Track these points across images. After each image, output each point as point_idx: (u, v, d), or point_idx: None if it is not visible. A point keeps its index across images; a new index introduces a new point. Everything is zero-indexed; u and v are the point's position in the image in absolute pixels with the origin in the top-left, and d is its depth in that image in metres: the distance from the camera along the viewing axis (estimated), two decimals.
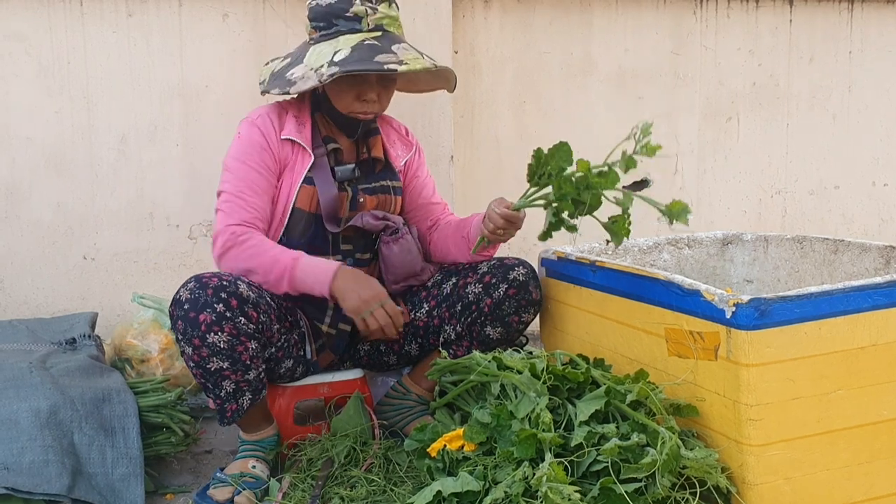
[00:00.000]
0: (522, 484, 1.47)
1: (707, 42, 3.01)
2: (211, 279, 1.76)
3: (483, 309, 1.97)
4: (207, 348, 1.72)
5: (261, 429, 1.91)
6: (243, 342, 1.75)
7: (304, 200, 1.95)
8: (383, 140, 2.10)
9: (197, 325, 1.71)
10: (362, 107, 1.94)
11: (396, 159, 2.11)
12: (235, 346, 1.74)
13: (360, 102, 1.93)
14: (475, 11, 2.77)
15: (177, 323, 1.74)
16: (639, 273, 1.75)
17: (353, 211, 1.99)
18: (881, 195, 3.30)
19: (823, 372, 1.54)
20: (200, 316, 1.71)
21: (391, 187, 2.07)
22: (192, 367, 1.77)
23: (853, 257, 2.01)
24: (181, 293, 1.75)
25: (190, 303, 1.72)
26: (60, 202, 2.50)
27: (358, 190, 2.00)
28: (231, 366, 1.75)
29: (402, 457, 1.85)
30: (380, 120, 2.13)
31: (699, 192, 3.07)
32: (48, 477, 1.63)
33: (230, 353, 1.74)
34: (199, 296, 1.72)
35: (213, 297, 1.72)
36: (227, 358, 1.74)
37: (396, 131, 2.16)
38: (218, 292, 1.73)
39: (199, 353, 1.73)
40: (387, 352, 2.10)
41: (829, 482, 1.57)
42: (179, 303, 1.74)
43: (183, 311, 1.73)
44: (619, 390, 1.62)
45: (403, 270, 2.04)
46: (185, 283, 1.77)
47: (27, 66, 2.43)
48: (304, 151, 1.96)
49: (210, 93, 2.54)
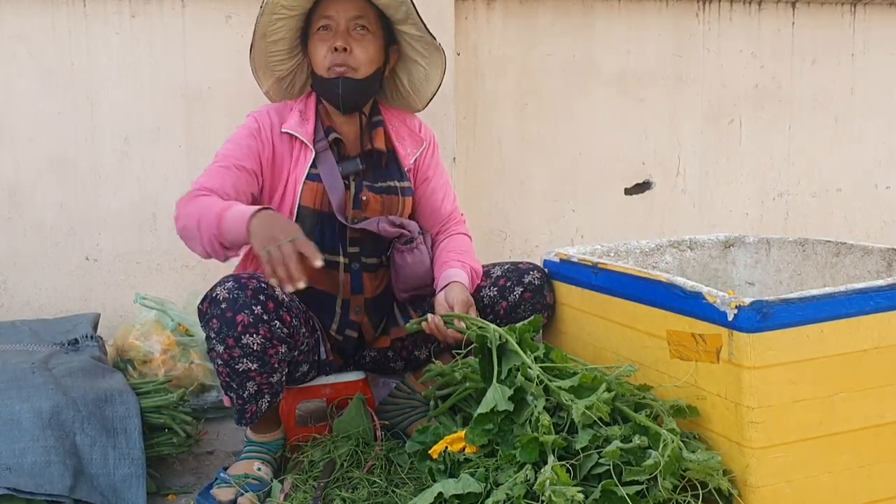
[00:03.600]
0: (524, 486, 1.47)
1: (709, 44, 3.01)
2: (249, 280, 1.74)
3: (498, 312, 1.97)
4: (240, 349, 1.71)
5: (270, 431, 1.91)
6: (275, 346, 1.74)
7: (310, 198, 1.93)
8: (390, 134, 2.06)
9: (234, 326, 1.70)
10: (333, 58, 1.92)
11: (405, 157, 2.06)
12: (267, 348, 1.73)
13: (332, 54, 1.92)
14: (477, 13, 2.77)
15: (210, 321, 1.72)
16: (641, 275, 1.75)
17: (356, 209, 1.97)
18: (883, 198, 3.29)
19: (825, 375, 1.54)
20: (238, 316, 1.70)
21: (398, 188, 2.02)
22: (219, 365, 1.75)
23: (855, 260, 2.01)
24: (218, 292, 1.73)
25: (228, 302, 1.71)
26: (63, 203, 2.50)
27: (362, 186, 1.97)
28: (260, 368, 1.74)
29: (404, 458, 1.85)
30: (390, 114, 2.11)
31: (701, 195, 3.07)
32: (50, 477, 1.63)
33: (262, 355, 1.73)
34: (238, 296, 1.71)
35: (251, 299, 1.71)
36: (258, 360, 1.73)
37: (408, 127, 2.11)
38: (257, 294, 1.72)
39: (230, 353, 1.72)
40: (394, 357, 2.09)
41: (830, 485, 1.57)
42: (216, 301, 1.72)
43: (220, 310, 1.71)
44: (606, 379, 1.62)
45: (415, 281, 2.02)
46: (221, 281, 1.76)
47: (30, 68, 2.44)
48: (304, 147, 1.95)
49: (213, 94, 2.55)
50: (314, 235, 1.94)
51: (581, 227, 2.95)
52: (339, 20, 1.93)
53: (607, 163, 2.95)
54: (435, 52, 2.05)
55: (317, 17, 1.96)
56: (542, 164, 2.89)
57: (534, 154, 2.88)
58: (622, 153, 2.96)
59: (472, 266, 2.00)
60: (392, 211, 2.01)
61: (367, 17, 1.95)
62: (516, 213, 2.88)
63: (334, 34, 1.93)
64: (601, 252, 2.14)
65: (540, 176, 2.89)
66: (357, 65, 1.94)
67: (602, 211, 2.96)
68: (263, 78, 2.09)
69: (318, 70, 1.96)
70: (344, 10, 1.93)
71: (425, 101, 2.16)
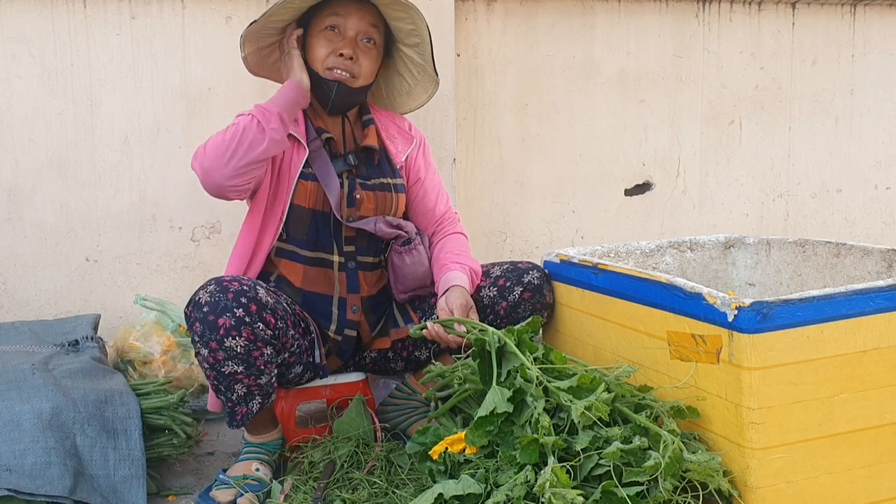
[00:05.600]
0: (524, 487, 1.47)
1: (709, 45, 3.01)
2: (231, 283, 1.74)
3: (499, 312, 1.97)
4: (224, 352, 1.71)
5: (267, 432, 1.91)
6: (259, 348, 1.74)
7: (304, 196, 1.94)
8: (380, 133, 2.07)
9: (216, 329, 1.70)
10: (336, 62, 1.93)
11: (397, 155, 2.07)
12: (252, 351, 1.73)
13: (335, 58, 1.93)
14: (478, 14, 2.77)
15: (194, 325, 1.73)
16: (641, 276, 1.75)
17: (351, 207, 1.97)
18: (883, 198, 3.29)
19: (826, 375, 1.54)
20: (220, 320, 1.70)
21: (391, 184, 2.03)
22: (206, 368, 1.76)
23: (855, 261, 2.01)
24: (200, 295, 1.73)
25: (209, 306, 1.71)
26: (63, 204, 2.50)
27: (355, 184, 1.98)
28: (245, 370, 1.75)
29: (404, 459, 1.85)
30: (380, 114, 2.12)
31: (701, 195, 3.07)
32: (50, 478, 1.63)
33: (246, 357, 1.73)
34: (220, 299, 1.71)
35: (233, 302, 1.71)
36: (243, 362, 1.73)
37: (397, 126, 2.13)
38: (238, 297, 1.72)
39: (215, 356, 1.72)
40: (394, 358, 2.09)
41: (831, 486, 1.57)
42: (198, 305, 1.73)
43: (202, 314, 1.71)
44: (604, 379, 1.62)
45: (413, 282, 2.03)
46: (204, 284, 1.76)
47: (31, 68, 2.44)
48: (298, 145, 1.95)
49: (213, 95, 2.55)
50: (309, 234, 1.95)
51: (581, 228, 2.95)
52: (350, 27, 1.94)
53: (607, 163, 2.95)
54: (429, 81, 2.10)
55: (327, 13, 1.95)
56: (543, 164, 2.89)
57: (534, 154, 2.88)
58: (622, 154, 2.97)
59: (472, 267, 2.00)
60: (386, 208, 2.02)
61: (377, 30, 1.98)
62: (516, 213, 2.89)
63: (342, 39, 1.94)
64: (601, 253, 2.14)
65: (540, 176, 2.89)
66: (358, 74, 1.97)
67: (602, 212, 2.96)
68: (248, 44, 2.04)
69: (314, 66, 1.96)
70: (359, 19, 1.94)
71: (400, 109, 2.20)
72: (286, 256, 1.98)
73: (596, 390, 1.57)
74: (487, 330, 1.70)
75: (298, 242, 1.96)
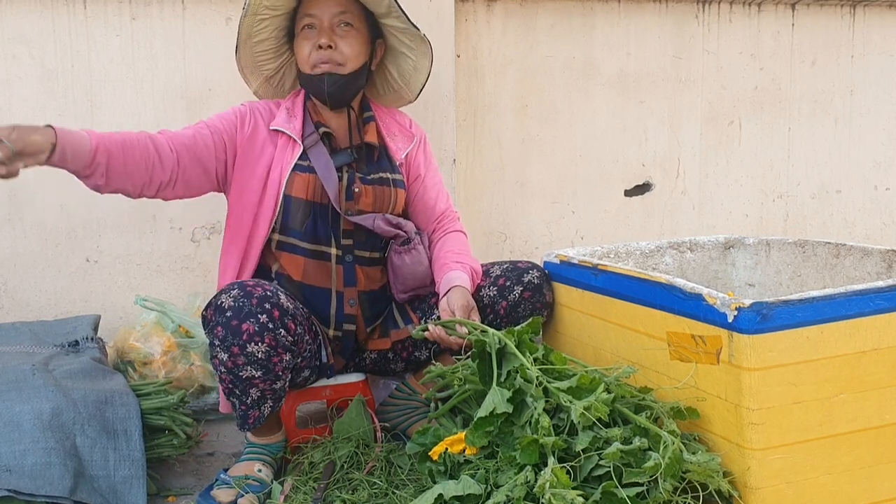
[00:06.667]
0: (524, 488, 1.47)
1: (709, 46, 3.01)
2: (255, 288, 1.73)
3: (499, 311, 1.97)
4: (245, 357, 1.71)
5: (272, 433, 1.91)
6: (279, 354, 1.74)
7: (300, 188, 1.94)
8: (381, 129, 2.08)
9: (239, 334, 1.69)
10: (318, 56, 1.93)
11: (397, 152, 2.08)
12: (272, 357, 1.73)
13: (316, 51, 1.93)
14: (478, 15, 2.77)
15: (215, 329, 1.71)
16: (641, 277, 1.75)
17: (349, 201, 1.97)
18: (883, 199, 3.30)
19: (825, 376, 1.54)
20: (243, 325, 1.69)
21: (391, 180, 2.03)
22: (222, 371, 1.75)
23: (855, 261, 2.01)
24: (223, 300, 1.72)
25: (233, 311, 1.70)
26: (63, 204, 2.50)
27: (354, 178, 1.98)
28: (263, 375, 1.74)
29: (404, 460, 1.85)
30: (381, 111, 2.13)
31: (701, 196, 3.07)
32: (50, 479, 1.63)
33: (266, 363, 1.73)
34: (244, 304, 1.70)
35: (257, 308, 1.70)
36: (262, 368, 1.73)
37: (398, 123, 2.13)
38: (262, 302, 1.71)
39: (234, 361, 1.71)
40: (394, 359, 2.09)
41: (831, 486, 1.57)
42: (221, 309, 1.71)
43: (225, 318, 1.70)
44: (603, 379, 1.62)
45: (413, 282, 2.03)
46: (226, 288, 1.75)
47: (31, 69, 2.44)
48: (291, 142, 1.96)
49: (213, 96, 2.55)
50: (307, 226, 1.95)
51: (581, 229, 2.96)
52: (323, 18, 1.94)
53: (607, 164, 2.95)
54: (421, 42, 2.07)
55: (301, 17, 1.97)
56: (543, 165, 2.89)
57: (534, 155, 2.88)
58: (622, 154, 2.97)
59: (472, 266, 2.00)
60: (385, 202, 2.02)
61: (351, 13, 1.96)
62: (516, 214, 2.89)
63: (318, 32, 1.95)
64: (601, 253, 2.15)
65: (540, 177, 2.89)
66: (343, 60, 1.96)
67: (602, 212, 2.96)
68: (251, 77, 2.10)
69: (303, 68, 1.97)
70: (327, 7, 1.94)
71: (416, 92, 2.18)
72: (287, 250, 1.98)
73: (596, 391, 1.57)
74: (488, 331, 1.70)
75: (297, 234, 1.96)
